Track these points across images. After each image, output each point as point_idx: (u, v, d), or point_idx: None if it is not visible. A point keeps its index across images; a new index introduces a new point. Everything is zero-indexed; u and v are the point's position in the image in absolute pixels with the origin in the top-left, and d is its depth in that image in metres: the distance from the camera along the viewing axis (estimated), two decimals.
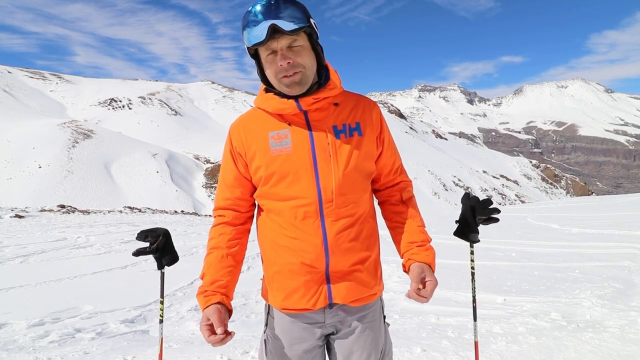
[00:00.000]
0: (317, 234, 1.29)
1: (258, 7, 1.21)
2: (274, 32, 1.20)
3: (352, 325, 1.39)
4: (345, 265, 1.33)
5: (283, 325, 1.40)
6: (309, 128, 1.31)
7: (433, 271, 1.34)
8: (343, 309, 1.37)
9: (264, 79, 1.35)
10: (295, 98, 1.29)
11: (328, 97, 1.32)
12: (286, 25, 1.19)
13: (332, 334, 1.42)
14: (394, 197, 1.49)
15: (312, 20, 1.26)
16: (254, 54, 1.32)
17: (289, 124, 1.32)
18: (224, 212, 1.44)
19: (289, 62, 1.23)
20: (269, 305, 1.45)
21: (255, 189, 1.40)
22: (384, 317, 1.49)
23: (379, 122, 1.41)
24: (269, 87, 1.35)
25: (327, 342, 1.46)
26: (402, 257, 1.41)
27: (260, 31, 1.20)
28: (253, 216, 1.49)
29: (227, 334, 1.23)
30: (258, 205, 1.45)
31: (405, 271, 1.38)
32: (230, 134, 1.42)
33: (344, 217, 1.31)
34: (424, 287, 1.29)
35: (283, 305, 1.36)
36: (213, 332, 1.22)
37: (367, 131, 1.36)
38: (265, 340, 1.47)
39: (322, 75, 1.35)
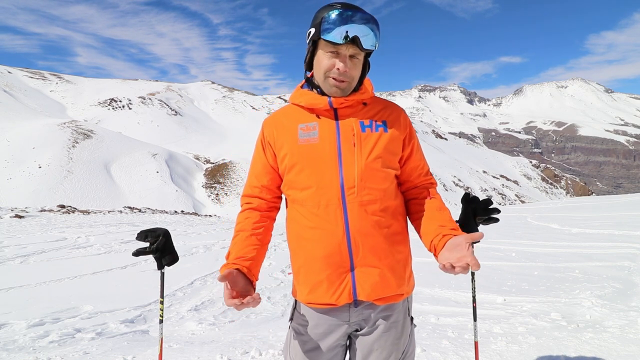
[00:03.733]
0: (338, 222, 1.32)
1: (348, 13, 1.27)
2: (352, 41, 1.27)
3: (375, 323, 1.40)
4: (368, 258, 1.34)
5: (308, 320, 1.43)
6: (337, 122, 1.38)
7: None
8: (369, 307, 1.39)
9: (309, 65, 1.42)
10: (329, 96, 1.37)
11: (357, 99, 1.39)
12: (365, 42, 1.29)
13: (356, 331, 1.44)
14: (420, 193, 1.49)
15: (379, 42, 1.34)
16: (313, 40, 1.36)
17: (319, 117, 1.39)
18: (250, 199, 1.51)
19: (345, 70, 1.31)
20: (295, 299, 1.49)
21: (281, 180, 1.46)
22: (412, 318, 1.49)
23: (407, 126, 1.46)
24: (308, 81, 1.44)
25: (350, 339, 1.48)
26: (430, 243, 1.34)
27: (340, 34, 1.27)
28: (278, 208, 1.55)
29: (253, 299, 1.23)
30: (286, 199, 1.51)
31: (435, 255, 1.31)
32: (262, 126, 1.52)
33: (366, 205, 1.33)
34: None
35: (308, 299, 1.40)
36: (233, 296, 1.24)
37: (393, 130, 1.41)
38: (290, 334, 1.51)
39: (358, 83, 1.42)
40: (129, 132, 68.91)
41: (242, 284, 1.32)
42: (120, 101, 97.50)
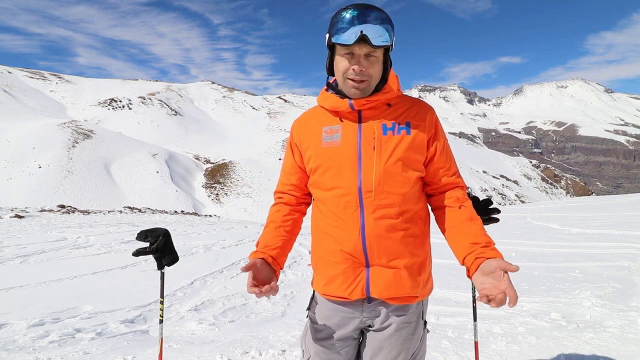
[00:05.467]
0: (355, 224, 1.35)
1: (355, 13, 1.28)
2: (362, 40, 1.27)
3: (387, 321, 1.42)
4: (382, 258, 1.36)
5: (323, 311, 1.48)
6: (360, 125, 1.39)
7: None
8: (382, 304, 1.41)
9: (330, 70, 1.44)
10: (350, 98, 1.38)
11: (380, 99, 1.38)
12: (375, 39, 1.28)
13: (370, 326, 1.46)
14: (449, 199, 1.44)
15: (394, 38, 1.34)
16: (330, 45, 1.38)
17: (342, 120, 1.41)
18: (281, 194, 1.60)
19: (361, 70, 1.31)
20: (314, 290, 1.54)
21: (309, 179, 1.51)
22: (425, 322, 1.50)
23: (433, 126, 1.43)
24: (330, 86, 1.46)
25: (362, 334, 1.51)
26: (462, 260, 1.32)
27: (349, 35, 1.28)
28: (308, 203, 1.60)
29: (271, 288, 1.30)
30: (307, 196, 1.57)
31: (469, 275, 1.29)
32: (292, 128, 1.58)
33: (382, 208, 1.34)
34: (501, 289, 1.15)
35: (324, 291, 1.45)
36: (254, 285, 1.32)
37: (417, 132, 1.39)
38: (307, 323, 1.57)
39: (382, 81, 1.41)
40: (129, 132, 68.91)
41: (265, 273, 1.38)
42: (120, 101, 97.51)
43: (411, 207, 1.39)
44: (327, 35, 1.36)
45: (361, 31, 1.26)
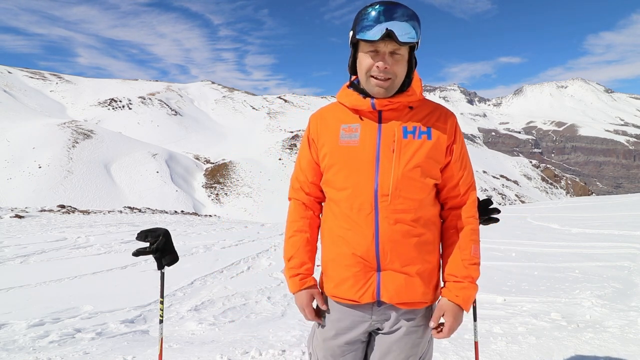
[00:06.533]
0: (369, 227, 1.33)
1: (382, 9, 1.25)
2: (388, 36, 1.25)
3: (397, 325, 1.41)
4: (395, 263, 1.34)
5: (331, 313, 1.47)
6: (380, 126, 1.36)
7: (462, 309, 1.41)
8: (392, 308, 1.40)
9: (352, 69, 1.42)
10: (372, 97, 1.35)
11: (402, 102, 1.36)
12: (401, 36, 1.26)
13: (378, 329, 1.45)
14: (451, 220, 1.45)
15: (420, 36, 1.32)
16: (354, 43, 1.37)
17: (362, 119, 1.38)
18: (298, 192, 1.56)
19: (386, 68, 1.29)
20: (322, 292, 1.53)
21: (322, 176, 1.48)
22: None
23: (453, 132, 1.41)
24: (352, 83, 1.44)
25: (370, 336, 1.50)
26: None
27: (375, 32, 1.25)
28: (323, 199, 1.56)
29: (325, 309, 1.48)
30: (324, 193, 1.53)
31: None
32: (309, 123, 1.54)
33: (398, 213, 1.32)
34: (440, 328, 1.42)
35: (333, 293, 1.44)
36: (316, 313, 1.49)
37: (437, 138, 1.36)
38: (315, 325, 1.56)
39: (405, 82, 1.39)
40: (129, 132, 68.84)
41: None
42: (120, 101, 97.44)
43: (426, 213, 1.38)
44: (351, 33, 1.33)
45: (387, 28, 1.24)
